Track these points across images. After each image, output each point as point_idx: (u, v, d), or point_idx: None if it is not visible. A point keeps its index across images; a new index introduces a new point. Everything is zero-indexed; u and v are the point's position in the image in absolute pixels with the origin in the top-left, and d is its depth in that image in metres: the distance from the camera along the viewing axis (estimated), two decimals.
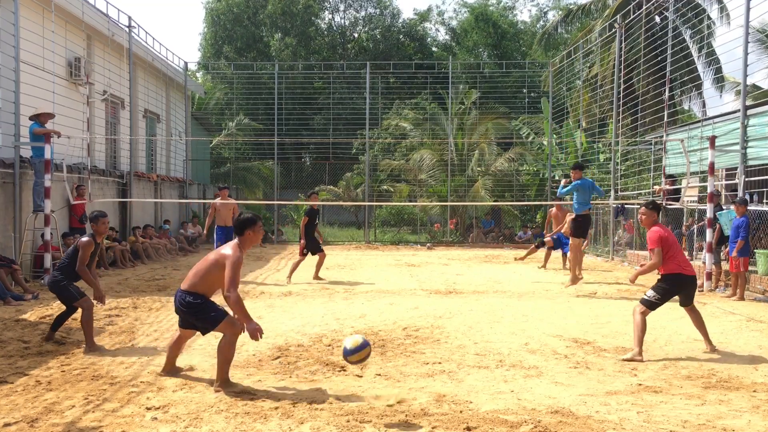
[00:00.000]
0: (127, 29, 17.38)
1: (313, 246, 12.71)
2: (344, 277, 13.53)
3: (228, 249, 5.48)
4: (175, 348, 5.86)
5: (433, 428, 4.54)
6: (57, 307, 9.08)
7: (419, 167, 24.43)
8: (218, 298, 5.69)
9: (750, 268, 11.73)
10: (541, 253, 15.38)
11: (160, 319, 8.45)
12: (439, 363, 6.31)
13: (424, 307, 9.60)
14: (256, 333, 5.23)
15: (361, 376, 5.83)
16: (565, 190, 11.65)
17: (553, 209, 15.12)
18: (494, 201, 22.45)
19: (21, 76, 11.73)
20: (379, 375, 5.88)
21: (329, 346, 7.03)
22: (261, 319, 8.62)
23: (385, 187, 25.51)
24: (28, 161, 11.90)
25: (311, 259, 12.91)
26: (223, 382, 5.34)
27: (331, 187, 26.73)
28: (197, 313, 5.46)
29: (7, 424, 4.53)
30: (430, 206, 24.00)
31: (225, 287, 5.28)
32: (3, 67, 11.73)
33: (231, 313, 5.47)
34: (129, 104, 18.09)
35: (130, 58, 17.61)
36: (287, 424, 4.59)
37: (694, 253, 13.92)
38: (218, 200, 13.48)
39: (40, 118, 11.72)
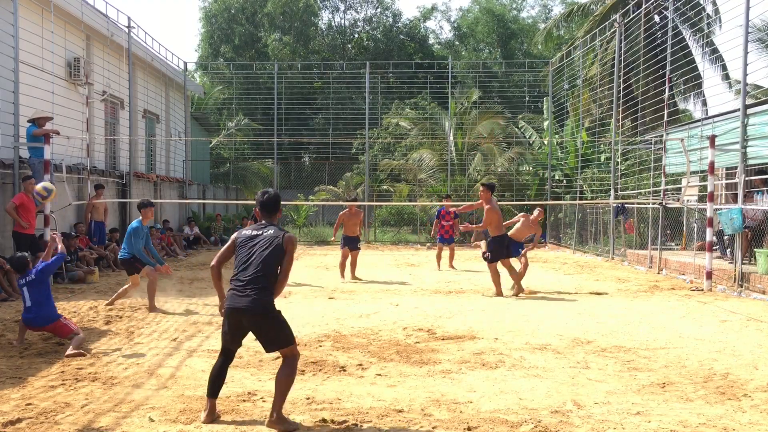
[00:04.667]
0: (126, 29, 17.36)
1: None
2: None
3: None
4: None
5: (433, 428, 4.53)
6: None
7: (419, 167, 24.43)
8: None
9: (750, 267, 11.74)
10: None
11: (159, 320, 8.44)
12: (440, 363, 6.31)
13: (424, 306, 9.59)
14: None
15: (362, 376, 5.82)
16: None
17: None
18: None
19: (20, 76, 11.71)
20: (380, 375, 5.87)
21: (330, 346, 7.02)
22: None
23: (385, 186, 25.50)
24: (26, 162, 11.88)
25: (305, 260, 12.89)
26: None
27: (331, 187, 26.72)
28: None
29: (7, 424, 4.52)
30: (430, 206, 23.99)
31: None
32: (2, 67, 11.71)
33: None
34: (128, 104, 18.07)
35: (130, 59, 17.60)
36: None
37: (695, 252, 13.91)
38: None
39: (38, 122, 11.70)
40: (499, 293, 10.69)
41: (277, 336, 4.54)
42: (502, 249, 10.72)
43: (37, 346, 6.82)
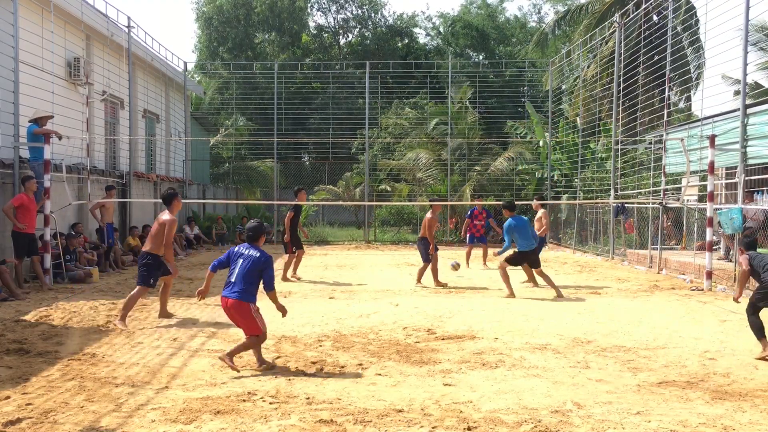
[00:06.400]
0: (126, 29, 17.36)
1: (297, 242, 12.70)
2: (344, 276, 13.53)
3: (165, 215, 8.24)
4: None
5: (433, 428, 4.54)
6: (56, 307, 9.07)
7: (417, 166, 24.44)
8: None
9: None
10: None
11: (158, 321, 8.44)
12: (440, 362, 6.31)
13: (424, 306, 9.59)
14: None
15: (362, 376, 5.83)
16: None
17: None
18: (489, 200, 22.44)
19: (20, 76, 11.71)
20: (380, 375, 5.88)
21: (330, 345, 7.03)
22: (263, 317, 8.62)
23: (384, 186, 25.52)
24: (26, 162, 11.88)
25: (305, 260, 12.93)
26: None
27: (331, 186, 26.73)
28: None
29: (8, 424, 4.52)
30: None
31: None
32: (2, 67, 11.70)
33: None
34: (128, 104, 18.07)
35: (129, 58, 17.59)
36: (287, 423, 4.59)
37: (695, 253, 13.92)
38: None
39: (39, 122, 11.70)
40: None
41: None
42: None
43: (37, 346, 6.82)
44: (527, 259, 10.92)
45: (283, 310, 6.33)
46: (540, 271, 10.96)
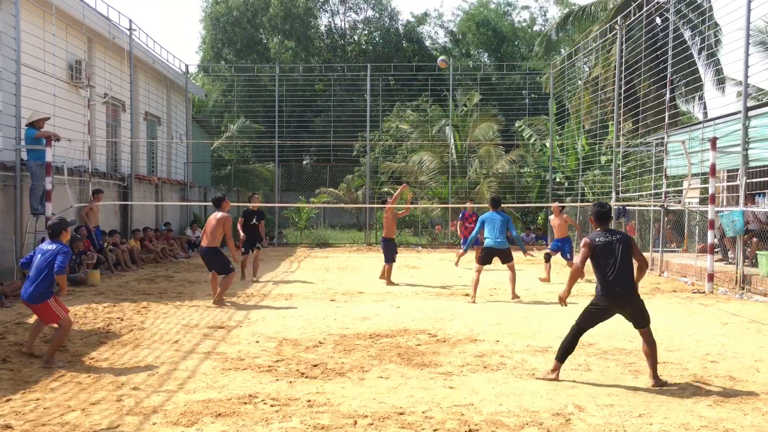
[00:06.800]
0: (127, 32, 17.39)
1: (247, 244, 13.23)
2: (345, 279, 13.52)
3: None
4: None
5: (434, 431, 4.53)
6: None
7: (419, 169, 24.44)
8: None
9: (753, 269, 11.72)
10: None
11: (159, 323, 8.44)
12: (441, 365, 6.31)
13: (425, 309, 9.59)
14: None
15: (363, 378, 5.82)
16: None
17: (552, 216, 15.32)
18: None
19: (22, 78, 11.72)
20: (381, 377, 5.87)
21: (331, 348, 7.02)
22: (264, 319, 8.63)
23: (386, 189, 25.52)
24: (25, 164, 11.89)
25: (306, 262, 12.90)
26: None
27: (332, 189, 26.73)
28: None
29: (6, 427, 4.52)
30: (431, 208, 23.99)
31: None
32: (4, 70, 11.72)
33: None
34: (130, 107, 18.09)
35: (131, 61, 17.61)
36: (288, 426, 4.58)
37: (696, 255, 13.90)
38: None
39: (37, 123, 11.70)
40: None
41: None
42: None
43: (37, 347, 6.81)
44: (493, 255, 10.78)
45: None
46: (511, 265, 10.88)
